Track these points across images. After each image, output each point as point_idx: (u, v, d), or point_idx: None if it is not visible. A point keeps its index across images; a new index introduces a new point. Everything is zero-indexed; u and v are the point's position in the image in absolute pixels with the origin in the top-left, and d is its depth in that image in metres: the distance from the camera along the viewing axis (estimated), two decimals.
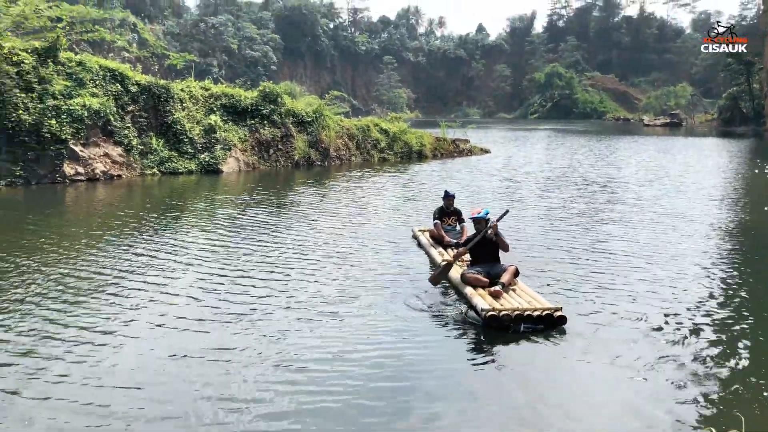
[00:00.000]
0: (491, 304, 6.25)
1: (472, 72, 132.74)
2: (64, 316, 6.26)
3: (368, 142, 25.30)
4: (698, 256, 9.16)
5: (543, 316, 6.00)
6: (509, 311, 6.03)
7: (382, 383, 4.88)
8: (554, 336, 5.92)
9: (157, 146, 18.72)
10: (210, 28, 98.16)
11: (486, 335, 5.98)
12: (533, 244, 9.96)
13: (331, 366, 5.18)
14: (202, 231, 10.62)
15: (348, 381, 4.90)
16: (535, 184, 18.06)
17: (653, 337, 5.87)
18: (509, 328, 5.96)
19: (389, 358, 5.35)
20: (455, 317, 6.46)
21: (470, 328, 6.18)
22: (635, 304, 6.85)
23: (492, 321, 5.98)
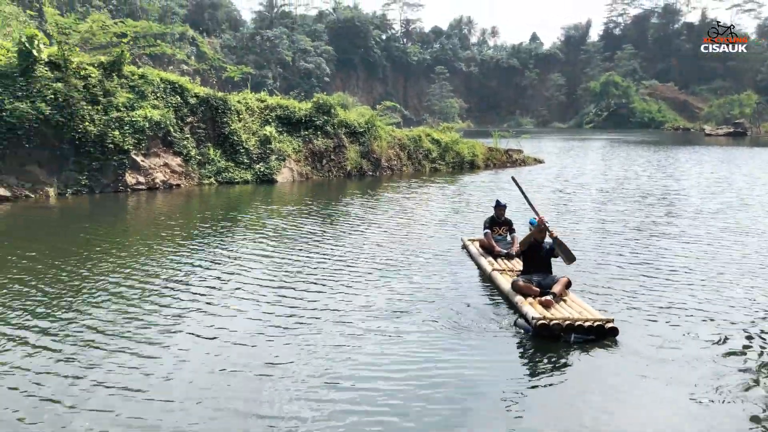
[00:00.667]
0: (542, 313, 6.24)
1: (525, 81, 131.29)
2: (109, 325, 6.34)
3: (420, 153, 25.32)
4: (760, 274, 8.79)
5: (594, 327, 5.96)
6: (560, 320, 6.03)
7: (432, 402, 4.78)
8: (605, 348, 5.84)
9: (214, 156, 19.23)
10: (265, 41, 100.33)
11: (536, 347, 5.93)
12: (586, 257, 9.77)
13: (379, 383, 5.07)
14: (252, 241, 10.81)
15: (396, 400, 4.80)
16: (589, 195, 17.71)
17: (709, 357, 5.68)
18: (559, 337, 5.96)
19: (438, 376, 5.23)
20: (505, 326, 6.43)
21: (520, 338, 6.14)
22: (692, 322, 6.65)
23: (542, 330, 5.98)
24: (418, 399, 4.81)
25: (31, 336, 6.00)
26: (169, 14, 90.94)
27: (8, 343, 5.85)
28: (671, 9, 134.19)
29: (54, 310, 6.79)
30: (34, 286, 7.71)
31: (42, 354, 5.58)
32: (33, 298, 7.22)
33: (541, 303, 6.62)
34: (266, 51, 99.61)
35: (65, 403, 4.65)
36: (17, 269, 8.49)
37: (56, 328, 6.21)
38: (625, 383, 5.19)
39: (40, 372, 5.18)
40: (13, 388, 4.89)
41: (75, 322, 6.41)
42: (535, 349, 5.89)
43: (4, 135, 14.93)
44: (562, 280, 7.08)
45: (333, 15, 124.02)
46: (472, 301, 7.39)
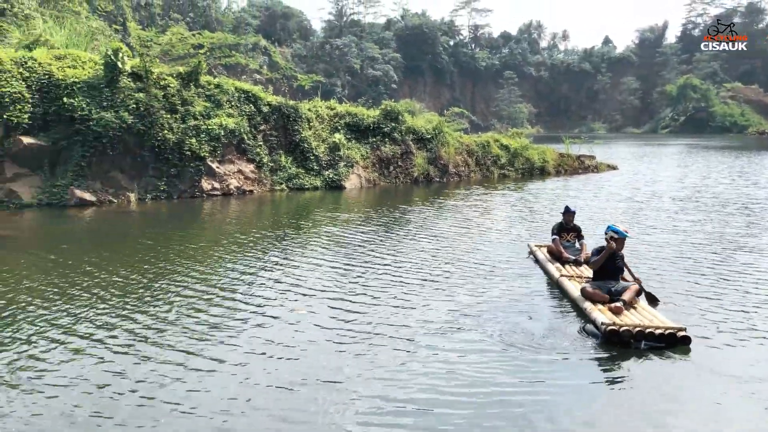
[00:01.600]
0: (611, 319, 6.16)
1: (597, 85, 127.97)
2: (169, 334, 6.31)
3: (488, 159, 25.07)
4: None
5: (665, 335, 5.85)
6: (630, 327, 5.94)
7: (494, 421, 4.62)
8: (677, 358, 5.69)
9: (285, 163, 19.68)
10: (334, 50, 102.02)
11: (606, 355, 5.81)
12: (659, 266, 9.44)
13: (442, 409, 4.76)
14: (315, 249, 10.92)
15: (458, 420, 4.60)
16: (664, 203, 17.04)
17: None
18: (629, 344, 5.87)
19: (508, 401, 4.90)
20: (573, 339, 6.30)
21: (589, 347, 6.02)
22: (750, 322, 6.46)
23: (612, 335, 5.90)
24: (486, 426, 4.51)
25: (86, 343, 6.05)
26: (242, 25, 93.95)
27: (68, 349, 6.06)
28: (755, 8, 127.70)
29: (115, 316, 6.88)
30: (95, 292, 7.94)
31: (98, 363, 5.58)
32: (90, 304, 7.45)
33: (610, 309, 6.53)
34: (335, 59, 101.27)
35: (105, 414, 4.63)
36: (86, 273, 8.93)
37: (119, 336, 6.19)
38: (697, 397, 5.02)
39: (96, 382, 5.18)
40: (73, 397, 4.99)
41: (129, 331, 6.40)
42: (605, 364, 5.71)
43: (90, 143, 15.79)
44: (632, 287, 6.97)
45: (401, 22, 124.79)
46: (539, 310, 7.25)
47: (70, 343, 6.06)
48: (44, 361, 5.60)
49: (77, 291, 7.87)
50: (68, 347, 5.95)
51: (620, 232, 7.28)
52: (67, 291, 7.86)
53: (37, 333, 6.33)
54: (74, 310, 7.07)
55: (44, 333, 6.33)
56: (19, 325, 6.56)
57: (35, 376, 5.27)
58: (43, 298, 7.52)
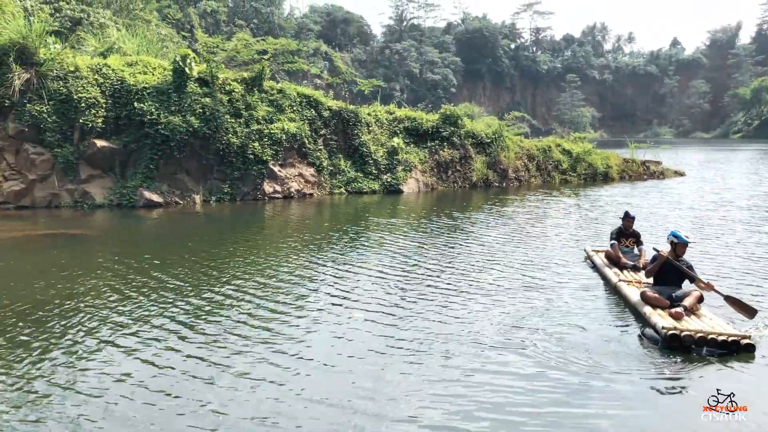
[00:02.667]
0: (672, 324, 6.10)
1: (664, 89, 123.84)
2: (217, 339, 6.28)
3: (549, 163, 24.64)
4: None
5: (728, 342, 5.73)
6: (692, 332, 5.88)
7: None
8: (739, 363, 5.59)
9: (345, 167, 19.90)
10: (394, 54, 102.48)
11: (663, 354, 5.81)
12: (726, 275, 9.16)
13: (488, 421, 4.64)
14: (369, 254, 10.88)
15: None
16: (732, 212, 16.34)
17: None
18: (690, 349, 5.79)
19: (565, 425, 4.65)
20: (633, 336, 6.33)
21: (648, 349, 6.01)
22: None
23: (672, 340, 5.84)
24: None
25: (134, 344, 6.16)
26: (304, 31, 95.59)
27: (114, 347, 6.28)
28: None
29: (166, 317, 7.03)
30: (153, 293, 8.10)
31: (143, 364, 5.65)
32: (148, 305, 7.67)
33: (671, 314, 6.43)
34: (395, 64, 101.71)
35: (150, 420, 4.62)
36: (146, 273, 9.24)
37: (167, 338, 6.31)
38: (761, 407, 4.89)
39: (138, 386, 5.18)
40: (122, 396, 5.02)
41: (183, 334, 6.47)
42: (667, 368, 5.64)
43: (159, 146, 16.38)
44: (694, 293, 6.85)
45: (461, 26, 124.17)
46: (596, 315, 7.18)
47: (118, 343, 6.18)
48: (89, 360, 5.76)
49: (135, 291, 8.08)
50: (116, 347, 6.08)
51: (680, 237, 7.23)
52: (125, 291, 8.10)
53: (89, 329, 6.58)
54: (131, 310, 7.32)
55: (96, 330, 6.56)
56: (75, 319, 6.85)
57: (77, 374, 5.42)
58: (103, 297, 7.84)
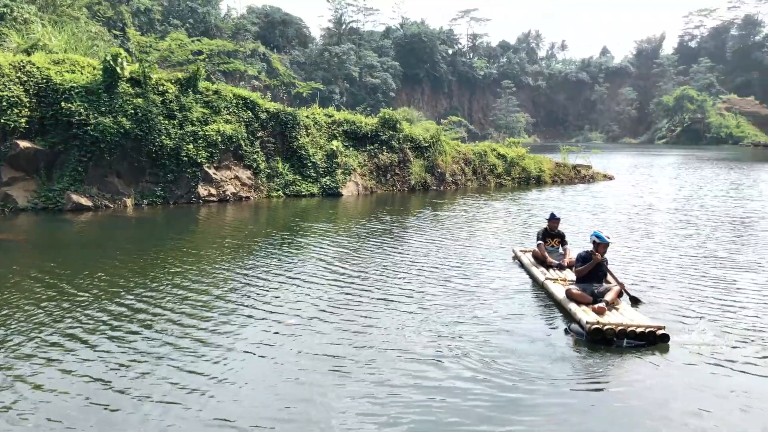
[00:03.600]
0: (595, 319, 6.55)
1: (594, 95, 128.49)
2: (145, 343, 6.19)
3: (485, 168, 25.14)
4: None
5: (646, 333, 6.23)
6: (613, 325, 6.32)
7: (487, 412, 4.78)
8: (657, 354, 6.04)
9: (283, 170, 19.71)
10: (333, 57, 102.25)
11: (588, 352, 6.17)
12: (645, 270, 9.78)
13: (427, 390, 5.15)
14: (303, 261, 10.78)
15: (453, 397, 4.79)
16: (658, 213, 17.12)
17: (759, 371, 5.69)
18: (612, 342, 6.24)
19: (493, 386, 5.27)
20: (560, 331, 6.76)
21: (573, 344, 6.40)
22: (746, 338, 6.62)
23: (596, 334, 6.27)
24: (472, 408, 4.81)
25: (70, 350, 6.03)
26: (242, 31, 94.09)
27: (54, 351, 6.06)
28: (752, 20, 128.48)
29: (101, 322, 6.88)
30: (82, 298, 7.96)
31: (77, 369, 5.54)
32: (77, 309, 7.46)
33: (594, 310, 6.86)
34: (334, 67, 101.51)
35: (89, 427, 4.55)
36: (75, 277, 8.93)
37: (101, 344, 6.16)
38: (677, 392, 5.25)
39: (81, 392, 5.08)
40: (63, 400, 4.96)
41: (116, 337, 6.40)
42: (587, 353, 6.12)
43: (88, 148, 15.79)
44: (614, 289, 7.35)
45: (400, 31, 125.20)
46: (524, 311, 7.58)
47: (52, 347, 6.05)
48: (23, 365, 5.60)
49: (64, 296, 7.85)
50: (50, 352, 5.94)
51: (602, 237, 7.70)
52: (54, 296, 7.85)
53: (22, 335, 6.33)
54: (61, 314, 7.07)
55: (29, 335, 6.33)
56: (5, 327, 6.55)
57: (14, 378, 5.29)
58: (32, 302, 7.51)
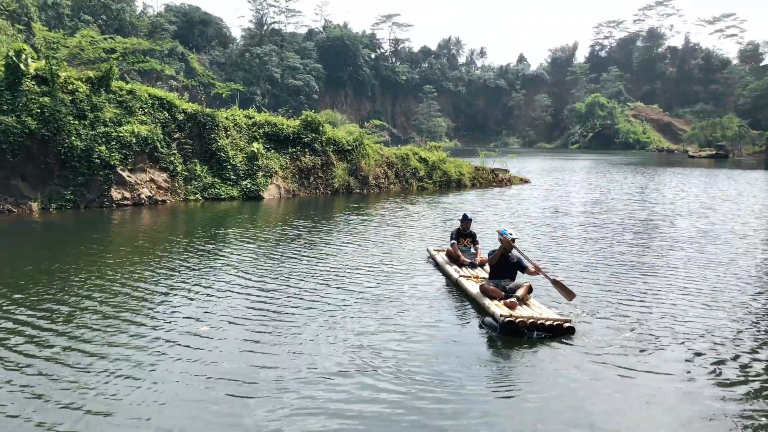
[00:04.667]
0: (508, 313, 7.00)
1: (512, 102, 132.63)
2: (57, 352, 6.02)
3: (407, 171, 25.44)
4: (725, 291, 9.02)
5: (554, 326, 6.73)
6: (525, 318, 6.81)
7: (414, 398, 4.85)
8: (563, 344, 6.50)
9: (201, 173, 19.21)
10: (254, 58, 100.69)
11: (501, 342, 6.60)
12: (557, 272, 10.10)
13: (353, 379, 5.35)
14: (223, 265, 10.60)
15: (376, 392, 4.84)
16: (570, 215, 17.88)
17: (665, 360, 6.11)
18: (523, 334, 6.71)
19: (414, 373, 5.57)
20: (474, 325, 7.18)
21: (487, 335, 6.85)
22: (648, 327, 7.17)
23: (508, 326, 6.72)
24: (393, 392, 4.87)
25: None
26: (158, 30, 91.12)
27: None
28: (655, 33, 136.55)
29: (13, 333, 6.58)
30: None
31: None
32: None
33: (506, 304, 7.32)
34: (255, 68, 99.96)
35: None
36: None
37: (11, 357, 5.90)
38: (581, 379, 5.61)
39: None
40: None
41: (37, 341, 6.21)
42: (500, 343, 6.56)
43: None
44: (525, 285, 7.77)
45: (322, 33, 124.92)
46: (439, 307, 7.90)
47: None
48: None
49: None
50: None
51: (504, 233, 8.19)
52: None
53: None
54: None
55: None
56: None
57: None
58: None
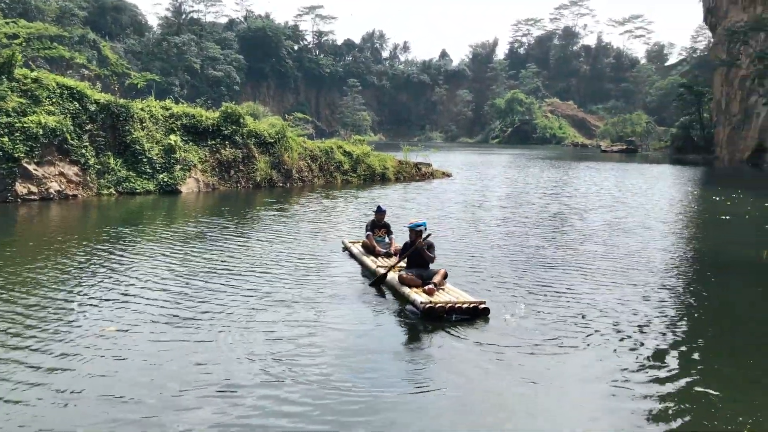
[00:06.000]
0: (427, 299, 7.30)
1: (435, 96, 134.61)
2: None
3: (331, 165, 25.31)
4: (631, 273, 9.51)
5: (470, 308, 7.13)
6: (443, 303, 7.15)
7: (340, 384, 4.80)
8: (479, 325, 6.95)
9: (114, 166, 18.38)
10: (172, 47, 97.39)
11: (421, 329, 6.84)
12: (465, 254, 10.86)
13: (262, 390, 5.03)
14: (137, 259, 10.14)
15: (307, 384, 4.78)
16: (490, 209, 18.33)
17: (578, 348, 6.31)
18: (443, 318, 7.03)
19: (341, 357, 5.67)
20: (394, 313, 7.41)
21: (409, 322, 7.13)
22: (552, 306, 7.67)
23: (429, 312, 7.03)
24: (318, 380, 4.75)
25: None
26: (67, 16, 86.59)
27: None
28: (570, 32, 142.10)
29: None
30: None
31: None
32: None
33: (424, 291, 7.62)
34: (173, 58, 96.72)
35: None
36: None
37: None
38: (495, 371, 5.75)
39: None
40: None
41: None
42: (422, 328, 6.81)
43: None
44: (440, 271, 8.12)
45: (244, 24, 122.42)
46: (356, 312, 7.60)
47: None
48: None
49: None
50: None
51: (411, 225, 8.56)
52: None
53: None
54: None
55: None
56: None
57: None
58: None
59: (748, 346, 6.62)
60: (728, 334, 7.04)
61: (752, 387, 5.46)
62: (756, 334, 7.04)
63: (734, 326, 7.34)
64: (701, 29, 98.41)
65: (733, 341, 6.77)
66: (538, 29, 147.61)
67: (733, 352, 6.42)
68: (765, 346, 6.64)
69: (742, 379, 5.63)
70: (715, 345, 6.69)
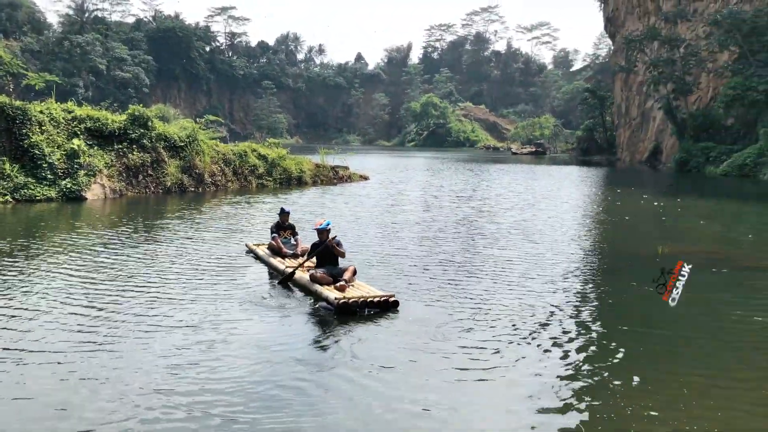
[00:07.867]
0: (340, 295, 7.58)
1: (351, 100, 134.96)
2: None
3: (246, 168, 24.81)
4: (535, 272, 9.97)
5: (381, 301, 7.51)
6: (356, 298, 7.52)
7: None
8: (391, 317, 7.36)
9: (10, 172, 17.23)
10: (75, 47, 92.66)
11: (335, 324, 7.12)
12: (375, 252, 11.33)
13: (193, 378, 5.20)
14: (25, 274, 9.46)
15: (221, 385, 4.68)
16: (405, 211, 18.60)
17: (477, 326, 6.93)
18: (356, 312, 7.36)
19: (260, 359, 5.75)
20: (307, 310, 7.68)
21: (322, 317, 7.41)
22: (459, 305, 7.94)
23: (343, 307, 7.35)
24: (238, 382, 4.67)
25: None
26: None
27: None
28: (482, 38, 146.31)
29: None
30: None
31: None
32: None
33: (336, 288, 7.89)
34: (76, 58, 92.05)
35: None
36: None
37: None
38: (401, 340, 6.28)
39: None
40: None
41: None
42: (336, 323, 7.21)
43: None
44: (350, 268, 8.43)
45: (152, 24, 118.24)
46: (270, 293, 8.25)
47: None
48: None
49: None
50: None
51: (321, 228, 8.73)
52: None
53: None
54: None
55: None
56: None
57: None
58: None
59: (645, 336, 7.04)
60: (625, 323, 7.47)
61: (656, 381, 5.73)
62: (647, 324, 7.51)
63: (629, 316, 7.84)
64: (603, 37, 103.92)
65: (632, 331, 7.20)
66: (450, 34, 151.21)
67: (632, 339, 6.80)
68: (654, 335, 7.06)
69: (638, 370, 5.95)
70: (611, 337, 7.01)
